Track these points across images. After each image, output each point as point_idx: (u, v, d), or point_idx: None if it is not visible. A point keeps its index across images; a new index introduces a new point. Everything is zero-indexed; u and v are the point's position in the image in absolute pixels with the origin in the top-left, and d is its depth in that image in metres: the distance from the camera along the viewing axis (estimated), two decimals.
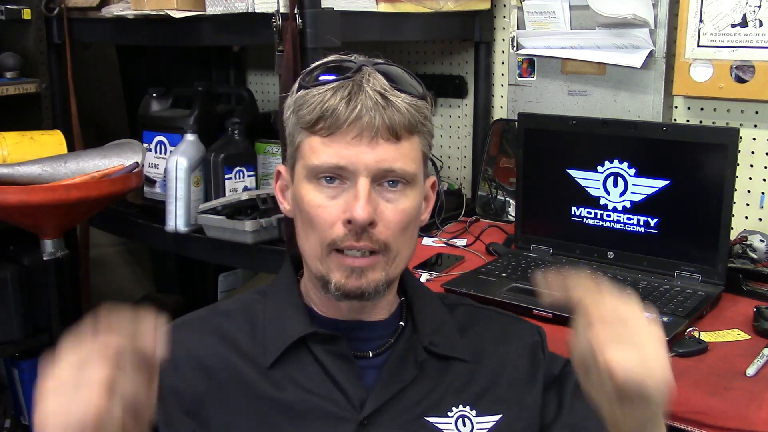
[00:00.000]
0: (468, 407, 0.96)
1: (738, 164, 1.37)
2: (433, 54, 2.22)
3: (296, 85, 0.95)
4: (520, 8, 1.89)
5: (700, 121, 1.74)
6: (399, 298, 1.02)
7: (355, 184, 0.89)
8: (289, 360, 0.94)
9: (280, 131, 1.06)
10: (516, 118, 1.71)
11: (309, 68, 0.96)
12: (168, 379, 0.92)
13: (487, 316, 1.07)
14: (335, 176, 0.90)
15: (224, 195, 1.88)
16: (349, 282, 0.91)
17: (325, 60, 0.96)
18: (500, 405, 0.97)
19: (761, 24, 1.57)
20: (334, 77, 0.91)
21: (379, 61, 0.95)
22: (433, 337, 0.99)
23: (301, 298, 1.00)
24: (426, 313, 1.01)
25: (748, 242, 1.51)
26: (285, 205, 1.01)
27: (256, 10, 1.56)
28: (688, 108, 1.75)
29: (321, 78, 0.92)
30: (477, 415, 0.96)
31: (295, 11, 1.49)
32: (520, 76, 1.98)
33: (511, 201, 1.92)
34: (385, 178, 0.91)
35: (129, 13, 1.85)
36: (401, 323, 1.00)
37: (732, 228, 1.40)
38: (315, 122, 0.90)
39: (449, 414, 0.95)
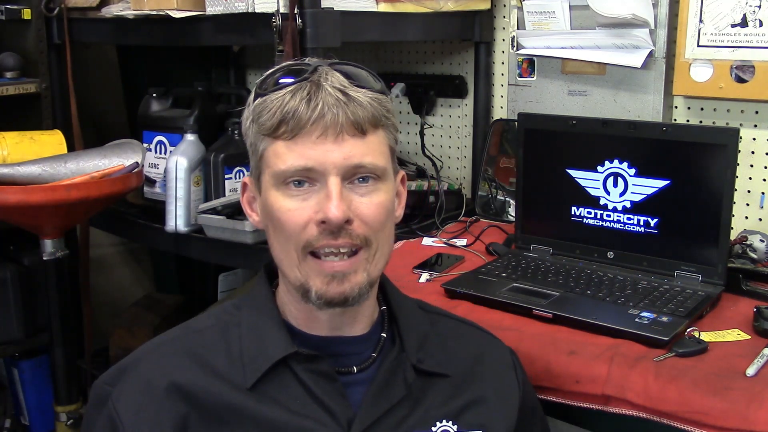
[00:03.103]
0: (450, 422, 0.96)
1: (738, 164, 1.37)
2: (433, 54, 2.22)
3: (252, 95, 0.93)
4: (520, 8, 1.89)
5: (700, 121, 1.74)
6: (379, 308, 1.01)
7: (325, 184, 0.87)
8: (269, 380, 0.91)
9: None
10: (516, 118, 1.71)
11: (263, 76, 0.93)
12: (147, 408, 0.90)
13: (464, 331, 1.08)
14: (304, 179, 0.88)
15: (224, 195, 1.88)
16: (331, 288, 0.88)
17: (279, 66, 0.93)
18: (480, 421, 0.98)
19: (761, 24, 1.57)
20: (291, 80, 0.89)
21: (335, 60, 0.94)
22: (419, 354, 0.98)
23: (279, 313, 0.97)
24: (411, 326, 1.00)
25: (748, 242, 1.51)
26: (254, 217, 0.98)
27: (256, 10, 1.56)
28: (688, 108, 1.75)
29: (278, 82, 0.90)
30: (458, 430, 0.96)
31: (295, 11, 1.50)
32: (520, 76, 1.98)
33: (511, 201, 1.92)
34: (355, 176, 0.89)
35: (129, 13, 1.85)
36: (383, 335, 0.99)
37: (732, 228, 1.40)
38: (276, 126, 0.88)
39: (433, 429, 0.95)
